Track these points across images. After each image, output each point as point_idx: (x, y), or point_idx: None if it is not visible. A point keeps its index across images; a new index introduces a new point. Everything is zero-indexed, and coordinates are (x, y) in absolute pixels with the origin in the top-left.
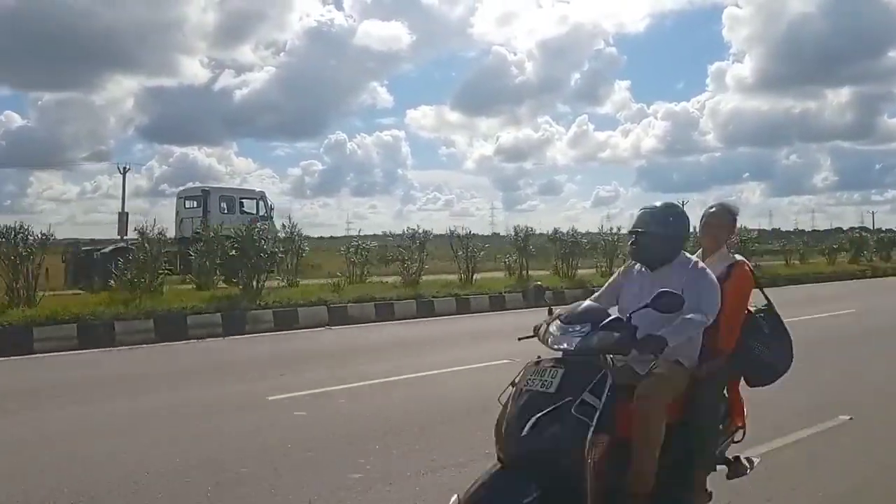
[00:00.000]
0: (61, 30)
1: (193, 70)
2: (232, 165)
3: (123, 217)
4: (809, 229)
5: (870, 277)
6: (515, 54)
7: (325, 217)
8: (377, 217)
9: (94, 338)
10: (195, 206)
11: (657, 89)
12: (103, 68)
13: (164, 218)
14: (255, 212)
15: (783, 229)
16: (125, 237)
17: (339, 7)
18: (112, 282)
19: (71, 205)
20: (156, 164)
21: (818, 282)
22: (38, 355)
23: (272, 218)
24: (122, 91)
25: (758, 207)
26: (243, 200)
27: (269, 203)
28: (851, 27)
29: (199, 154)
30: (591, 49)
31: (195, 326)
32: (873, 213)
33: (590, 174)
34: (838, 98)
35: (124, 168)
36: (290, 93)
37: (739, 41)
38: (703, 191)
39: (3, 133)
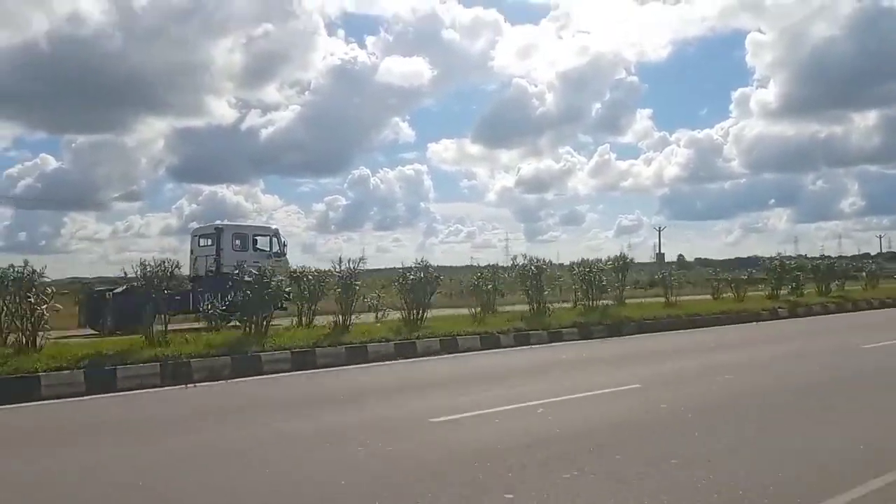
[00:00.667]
0: (94, 75)
1: (221, 111)
2: (259, 203)
3: None
4: (836, 255)
5: (783, 318)
6: (536, 86)
7: (348, 251)
8: (400, 250)
9: None
10: (209, 243)
11: (680, 117)
12: (134, 111)
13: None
14: (268, 248)
15: (809, 255)
16: None
17: (362, 45)
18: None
19: (104, 244)
20: (185, 202)
21: (695, 326)
22: None
23: (286, 254)
24: (152, 132)
25: (784, 234)
26: (257, 237)
27: (283, 240)
28: (877, 49)
29: (227, 192)
30: (613, 78)
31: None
32: (880, 236)
33: (612, 203)
34: (865, 121)
35: None
36: (315, 130)
37: (763, 66)
38: (728, 218)
39: (38, 175)
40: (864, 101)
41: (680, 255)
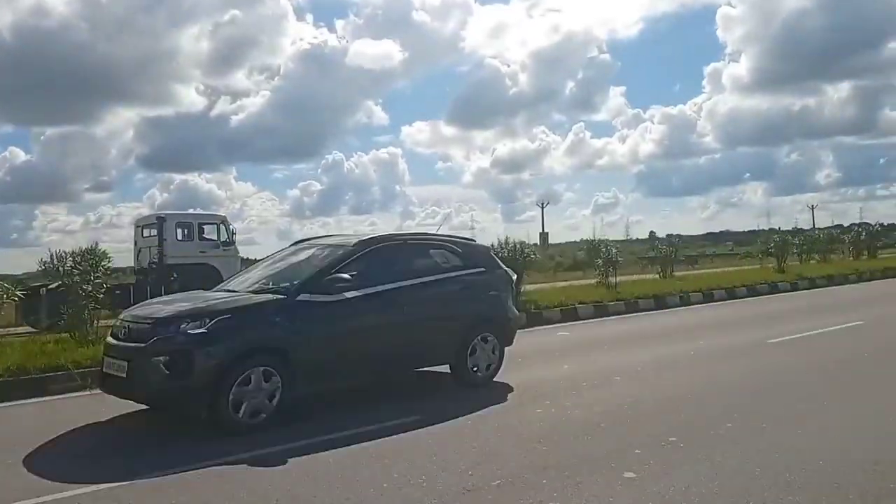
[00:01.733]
0: (61, 66)
1: (190, 98)
2: (231, 190)
3: None
4: (808, 227)
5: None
6: (509, 66)
7: None
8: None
9: None
10: (152, 234)
11: (653, 94)
12: (102, 101)
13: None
14: (216, 237)
15: (782, 229)
16: None
17: (332, 29)
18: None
19: (76, 235)
20: (157, 192)
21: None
22: None
23: (234, 243)
24: (121, 122)
25: (760, 208)
26: (203, 226)
27: (232, 228)
28: (849, 20)
29: (199, 180)
30: (585, 57)
31: None
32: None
33: (588, 182)
34: (838, 93)
35: None
36: (286, 116)
37: (734, 41)
38: (703, 193)
39: (8, 168)
40: (837, 72)
41: (651, 232)
